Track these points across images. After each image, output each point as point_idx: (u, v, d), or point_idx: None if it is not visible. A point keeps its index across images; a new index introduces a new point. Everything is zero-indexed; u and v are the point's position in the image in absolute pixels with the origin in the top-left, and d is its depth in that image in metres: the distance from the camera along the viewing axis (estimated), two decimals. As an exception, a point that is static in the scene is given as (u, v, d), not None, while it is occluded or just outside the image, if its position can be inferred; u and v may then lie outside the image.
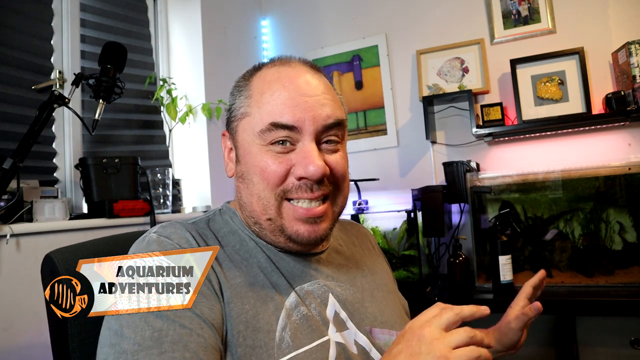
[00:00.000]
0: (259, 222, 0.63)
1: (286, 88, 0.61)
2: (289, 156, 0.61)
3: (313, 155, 0.59)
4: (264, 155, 0.61)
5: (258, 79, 0.65)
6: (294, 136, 0.60)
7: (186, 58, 2.08)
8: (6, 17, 1.46)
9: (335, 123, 0.62)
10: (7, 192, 1.23)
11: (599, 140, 1.90)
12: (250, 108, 0.63)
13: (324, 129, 0.61)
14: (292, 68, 0.64)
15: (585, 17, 1.95)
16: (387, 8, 2.31)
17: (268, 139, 0.61)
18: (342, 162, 0.65)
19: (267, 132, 0.60)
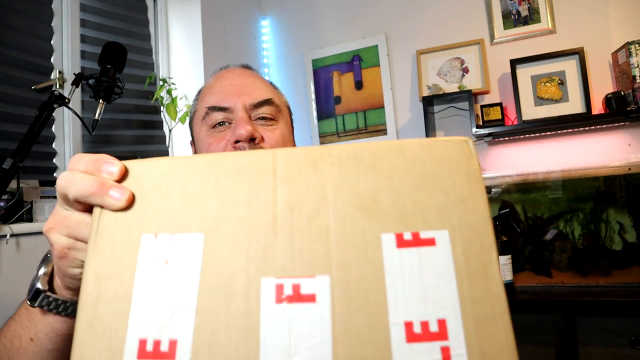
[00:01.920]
0: None
1: (219, 80, 0.72)
2: (225, 132, 0.68)
3: (242, 121, 0.66)
4: (208, 138, 0.69)
5: (206, 86, 0.76)
6: (229, 116, 0.68)
7: (186, 58, 2.08)
8: (6, 17, 1.46)
9: (263, 101, 0.69)
10: (7, 192, 1.23)
11: (599, 140, 1.90)
12: (197, 106, 0.74)
13: (252, 106, 0.69)
14: (227, 70, 0.76)
15: (585, 17, 1.95)
16: (387, 8, 2.31)
17: (209, 122, 0.69)
18: (277, 136, 0.69)
19: (207, 116, 0.69)
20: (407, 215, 0.29)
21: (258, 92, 0.70)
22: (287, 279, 0.28)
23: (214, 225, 0.30)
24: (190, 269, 0.29)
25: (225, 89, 0.70)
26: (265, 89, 0.72)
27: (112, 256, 0.30)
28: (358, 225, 0.29)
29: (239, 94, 0.69)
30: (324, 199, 0.30)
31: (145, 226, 0.31)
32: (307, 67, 2.48)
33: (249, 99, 0.69)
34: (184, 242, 0.30)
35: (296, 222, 0.30)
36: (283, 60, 2.56)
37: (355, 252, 0.29)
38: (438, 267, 0.28)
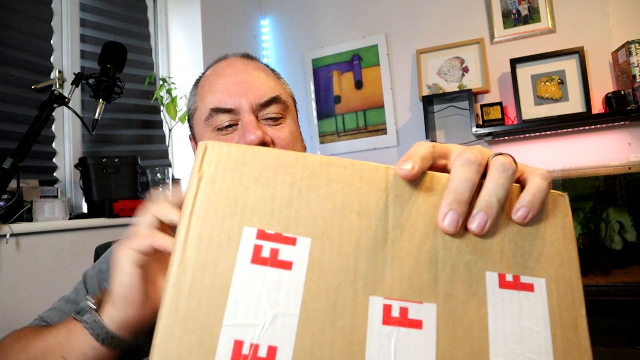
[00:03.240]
0: None
1: (221, 77, 0.67)
2: (233, 135, 0.65)
3: (251, 126, 0.63)
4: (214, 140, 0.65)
5: (204, 79, 0.72)
6: (235, 118, 0.64)
7: (186, 58, 2.08)
8: (6, 17, 1.46)
9: (270, 100, 0.65)
10: (7, 192, 1.23)
11: (599, 140, 1.90)
12: (197, 103, 0.70)
13: (259, 106, 0.65)
14: (226, 61, 0.71)
15: (585, 17, 1.94)
16: (387, 8, 2.31)
17: (213, 125, 0.65)
18: (287, 135, 0.66)
19: (210, 118, 0.65)
20: (510, 258, 0.30)
21: (264, 90, 0.66)
22: (395, 301, 0.28)
23: (322, 230, 0.28)
24: (296, 273, 0.27)
25: (228, 87, 0.65)
26: (270, 83, 0.68)
27: (209, 243, 0.27)
28: (465, 258, 0.29)
29: (244, 92, 0.65)
30: (435, 226, 0.29)
31: (248, 218, 0.28)
32: (307, 66, 2.48)
33: (255, 99, 0.65)
34: (289, 242, 0.28)
35: (407, 244, 0.29)
36: (283, 60, 2.56)
37: (462, 285, 0.29)
38: (535, 313, 0.29)
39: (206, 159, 0.29)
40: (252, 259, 0.27)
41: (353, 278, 0.28)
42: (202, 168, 0.29)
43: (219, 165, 0.29)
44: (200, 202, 0.28)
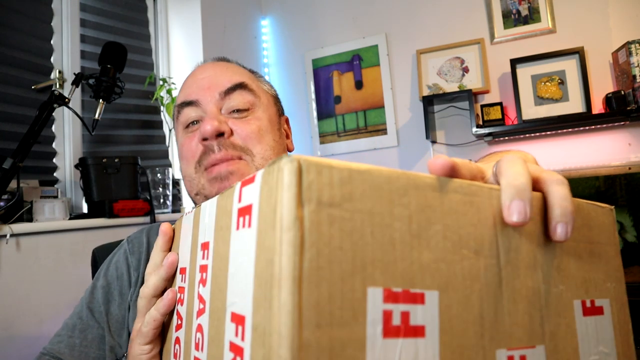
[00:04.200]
0: (194, 201, 0.66)
1: (191, 77, 0.67)
2: (197, 131, 0.63)
3: (208, 116, 0.61)
4: (182, 138, 0.65)
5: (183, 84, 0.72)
6: (200, 113, 0.63)
7: (186, 58, 2.08)
8: (6, 17, 1.46)
9: (233, 86, 0.63)
10: (7, 192, 1.23)
11: (599, 140, 1.90)
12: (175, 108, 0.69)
13: (222, 95, 0.63)
14: (199, 65, 0.70)
15: (585, 16, 1.94)
16: (387, 8, 2.31)
17: (182, 122, 0.64)
18: (252, 129, 0.62)
19: (179, 115, 0.65)
20: (586, 282, 0.29)
21: (228, 78, 0.64)
22: (515, 350, 0.25)
23: (447, 278, 0.23)
24: (429, 339, 0.22)
25: (194, 82, 0.65)
26: (237, 74, 0.66)
27: (330, 320, 0.20)
28: (557, 290, 0.27)
29: (207, 85, 0.63)
30: (535, 256, 0.27)
31: (370, 274, 0.21)
32: (307, 66, 2.48)
33: (218, 88, 0.63)
34: (418, 301, 0.22)
35: (517, 282, 0.26)
36: (283, 60, 2.56)
37: (558, 318, 0.27)
38: (606, 336, 0.28)
39: (306, 189, 0.20)
40: (383, 331, 0.21)
41: (480, 332, 0.24)
42: (301, 204, 0.20)
43: (323, 198, 0.21)
44: (309, 261, 0.19)
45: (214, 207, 0.31)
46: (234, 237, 0.25)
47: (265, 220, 0.21)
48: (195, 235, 0.35)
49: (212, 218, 0.31)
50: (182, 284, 0.36)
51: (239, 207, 0.25)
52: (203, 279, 0.31)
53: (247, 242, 0.23)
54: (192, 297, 0.33)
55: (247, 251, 0.23)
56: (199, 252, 0.33)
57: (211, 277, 0.29)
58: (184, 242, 0.38)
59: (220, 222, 0.29)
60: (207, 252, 0.30)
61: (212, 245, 0.30)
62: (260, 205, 0.22)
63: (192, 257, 0.34)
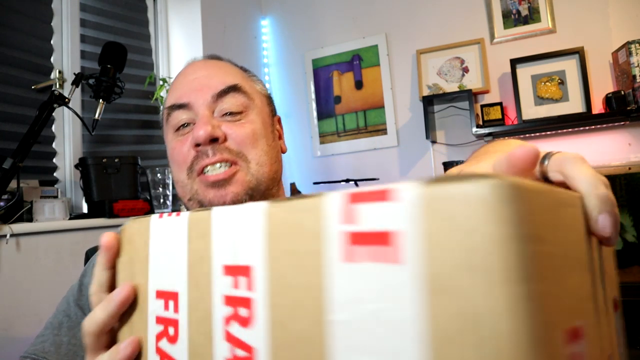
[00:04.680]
0: (186, 206, 0.63)
1: (181, 77, 0.65)
2: (188, 135, 0.61)
3: (201, 121, 0.59)
4: (173, 142, 0.63)
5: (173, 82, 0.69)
6: (191, 115, 0.61)
7: (186, 58, 2.07)
8: (6, 17, 1.46)
9: (227, 88, 0.61)
10: (7, 192, 1.23)
11: (599, 140, 1.90)
12: (165, 105, 0.67)
13: (215, 97, 0.60)
14: (188, 64, 0.68)
15: (585, 16, 1.95)
16: (387, 8, 2.31)
17: (172, 124, 0.62)
18: (246, 133, 0.60)
19: (169, 117, 0.62)
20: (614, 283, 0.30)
21: (220, 79, 0.61)
22: None
23: (587, 307, 0.22)
24: None
25: (185, 84, 0.62)
26: (230, 75, 0.63)
27: None
28: (606, 293, 0.27)
29: (199, 87, 0.61)
30: (595, 263, 0.27)
31: (567, 320, 0.18)
32: (307, 66, 2.48)
33: (211, 90, 0.60)
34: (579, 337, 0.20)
35: (601, 297, 0.25)
36: (283, 60, 2.56)
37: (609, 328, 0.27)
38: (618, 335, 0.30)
39: (519, 221, 0.16)
40: None
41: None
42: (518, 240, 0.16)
43: (538, 233, 0.17)
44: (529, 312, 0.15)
45: (260, 220, 0.24)
46: (338, 269, 0.20)
47: (453, 259, 0.17)
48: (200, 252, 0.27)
49: (258, 235, 0.24)
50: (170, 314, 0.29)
51: (350, 231, 0.20)
52: (241, 317, 0.24)
53: (388, 281, 0.18)
54: (208, 336, 0.26)
55: (390, 296, 0.18)
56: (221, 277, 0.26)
57: (270, 315, 0.23)
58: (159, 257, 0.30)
59: (284, 243, 0.23)
60: (250, 281, 0.24)
61: (263, 272, 0.24)
62: (431, 237, 0.17)
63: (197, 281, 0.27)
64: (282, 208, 0.23)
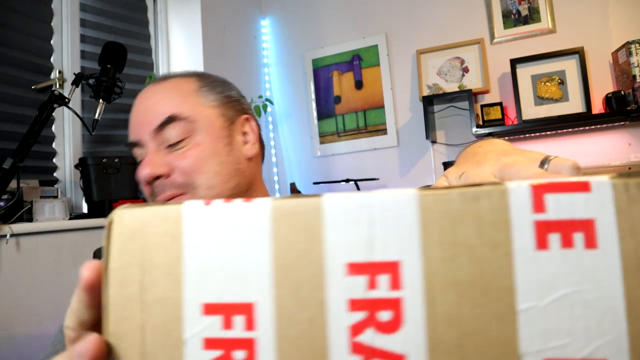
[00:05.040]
0: None
1: (133, 107, 0.64)
2: None
3: (146, 159, 0.59)
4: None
5: None
6: (144, 151, 0.61)
7: (186, 58, 2.08)
8: (6, 17, 1.46)
9: (163, 122, 0.58)
10: (7, 192, 1.23)
11: (599, 140, 1.90)
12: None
13: (154, 133, 0.59)
14: (139, 93, 0.66)
15: (585, 17, 1.95)
16: (387, 8, 2.31)
17: (137, 158, 0.63)
18: (190, 163, 0.59)
19: (132, 153, 0.63)
20: None
21: (156, 113, 0.59)
22: None
23: None
24: None
25: (132, 118, 0.62)
26: (167, 103, 0.60)
27: None
28: None
29: (141, 123, 0.60)
30: None
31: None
32: (307, 66, 2.48)
33: (150, 125, 0.59)
34: None
35: None
36: (283, 60, 2.56)
37: None
38: None
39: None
40: None
41: None
42: None
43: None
44: None
45: (410, 209, 0.22)
46: (531, 257, 0.21)
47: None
48: (299, 249, 0.22)
49: (408, 226, 0.22)
50: (237, 333, 0.22)
51: (542, 220, 0.21)
52: (381, 322, 0.21)
53: (584, 265, 0.20)
54: (318, 353, 0.22)
55: (587, 278, 0.20)
56: (343, 277, 0.22)
57: (425, 315, 0.21)
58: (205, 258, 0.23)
59: (445, 235, 0.22)
60: (396, 278, 0.22)
61: (415, 268, 0.21)
62: (621, 224, 0.20)
63: (294, 286, 0.22)
64: (439, 197, 0.22)
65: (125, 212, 0.24)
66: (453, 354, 0.21)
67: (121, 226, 0.24)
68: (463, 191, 0.21)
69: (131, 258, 0.23)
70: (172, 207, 0.23)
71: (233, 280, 0.22)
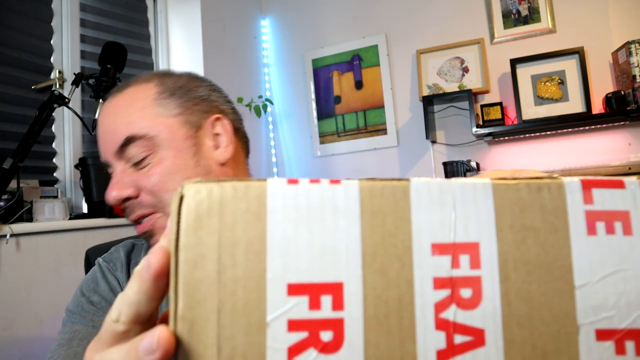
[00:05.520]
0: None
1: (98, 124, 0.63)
2: None
3: (112, 181, 0.59)
4: None
5: None
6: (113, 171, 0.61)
7: (186, 58, 2.08)
8: (6, 17, 1.46)
9: (121, 146, 0.57)
10: (7, 192, 1.23)
11: (599, 140, 1.90)
12: None
13: (118, 155, 0.58)
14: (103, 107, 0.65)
15: (585, 16, 1.95)
16: (387, 8, 2.31)
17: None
18: (153, 178, 0.57)
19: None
20: None
21: (114, 135, 0.58)
22: None
23: None
24: None
25: (97, 137, 0.61)
26: (122, 124, 0.58)
27: None
28: None
29: (104, 143, 0.60)
30: None
31: None
32: (307, 66, 2.48)
33: (111, 149, 0.58)
34: None
35: None
36: (283, 60, 2.56)
37: None
38: None
39: None
40: None
41: None
42: None
43: None
44: None
45: (486, 196, 0.24)
46: (584, 242, 0.24)
47: None
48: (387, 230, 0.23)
49: (486, 210, 0.24)
50: (324, 313, 0.22)
51: (591, 210, 0.25)
52: (464, 299, 0.23)
53: (623, 248, 0.24)
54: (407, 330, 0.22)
55: (626, 259, 0.24)
56: (429, 257, 0.23)
57: (500, 292, 0.23)
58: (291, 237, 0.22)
59: (515, 219, 0.24)
60: (476, 258, 0.23)
61: (491, 248, 0.23)
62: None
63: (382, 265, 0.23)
64: (509, 186, 0.24)
65: (200, 186, 0.22)
66: (524, 327, 0.23)
67: (195, 201, 0.22)
68: (529, 182, 0.24)
69: (207, 235, 0.22)
70: (255, 183, 0.22)
71: (320, 260, 0.22)
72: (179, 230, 0.22)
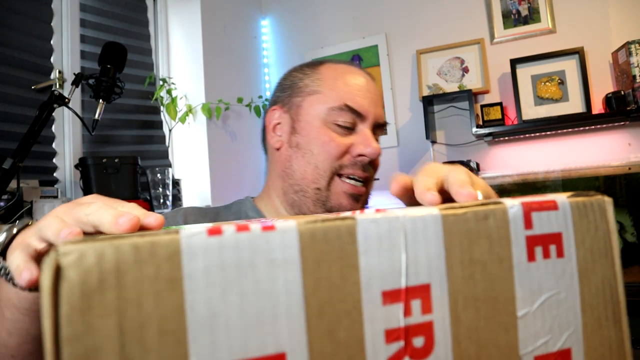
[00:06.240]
0: (304, 189, 0.67)
1: (357, 80, 0.70)
2: (349, 137, 0.67)
3: (372, 138, 0.68)
4: (327, 130, 0.67)
5: (327, 68, 0.73)
6: (356, 122, 0.68)
7: (186, 58, 2.08)
8: (6, 17, 1.46)
9: (384, 123, 0.72)
10: (7, 192, 1.23)
11: (599, 140, 1.90)
12: (322, 88, 0.70)
13: (377, 124, 0.70)
14: (355, 67, 0.74)
15: (585, 17, 1.95)
16: (387, 8, 2.31)
17: (335, 117, 0.67)
18: (379, 160, 0.72)
19: (338, 110, 0.67)
20: None
21: (382, 111, 0.72)
22: None
23: None
24: None
25: (363, 94, 0.69)
26: (383, 109, 0.74)
27: None
28: None
29: (373, 105, 0.69)
30: None
31: None
32: (307, 67, 2.47)
33: (379, 118, 0.70)
34: None
35: None
36: (283, 60, 2.56)
37: None
38: None
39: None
40: None
41: None
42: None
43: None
44: None
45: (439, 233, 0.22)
46: (525, 269, 0.24)
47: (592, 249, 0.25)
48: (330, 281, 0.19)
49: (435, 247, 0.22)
50: None
51: (531, 235, 0.24)
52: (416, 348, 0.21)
53: (557, 271, 0.25)
54: None
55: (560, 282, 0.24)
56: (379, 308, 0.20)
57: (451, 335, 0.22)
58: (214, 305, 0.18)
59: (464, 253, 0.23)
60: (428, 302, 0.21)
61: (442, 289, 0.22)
62: (576, 236, 0.25)
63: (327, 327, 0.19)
64: (458, 216, 0.23)
65: (85, 248, 0.15)
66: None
67: (79, 272, 0.15)
68: (476, 211, 0.24)
69: (101, 319, 0.15)
70: (164, 238, 0.17)
71: (257, 329, 0.17)
72: (57, 316, 0.15)
